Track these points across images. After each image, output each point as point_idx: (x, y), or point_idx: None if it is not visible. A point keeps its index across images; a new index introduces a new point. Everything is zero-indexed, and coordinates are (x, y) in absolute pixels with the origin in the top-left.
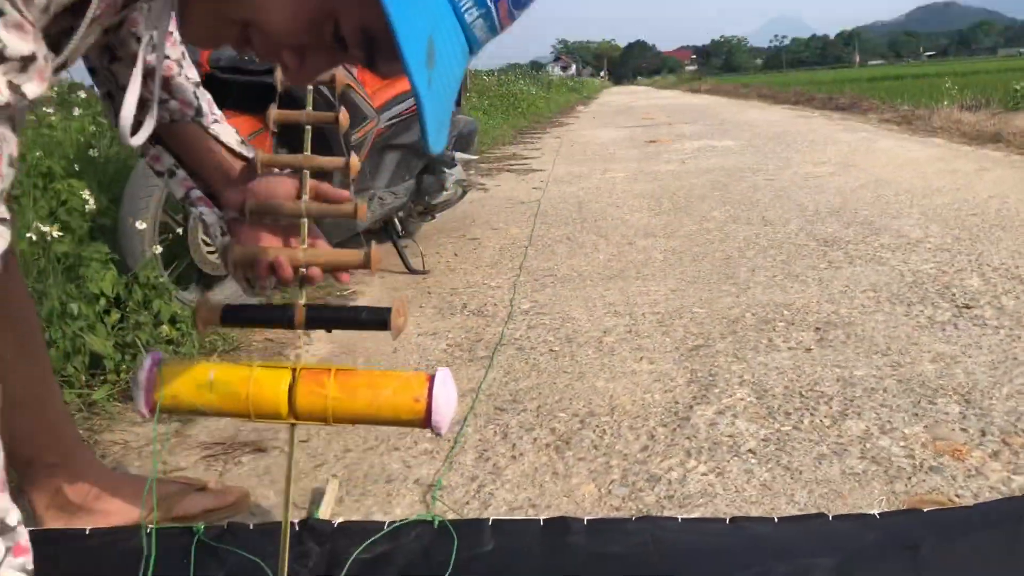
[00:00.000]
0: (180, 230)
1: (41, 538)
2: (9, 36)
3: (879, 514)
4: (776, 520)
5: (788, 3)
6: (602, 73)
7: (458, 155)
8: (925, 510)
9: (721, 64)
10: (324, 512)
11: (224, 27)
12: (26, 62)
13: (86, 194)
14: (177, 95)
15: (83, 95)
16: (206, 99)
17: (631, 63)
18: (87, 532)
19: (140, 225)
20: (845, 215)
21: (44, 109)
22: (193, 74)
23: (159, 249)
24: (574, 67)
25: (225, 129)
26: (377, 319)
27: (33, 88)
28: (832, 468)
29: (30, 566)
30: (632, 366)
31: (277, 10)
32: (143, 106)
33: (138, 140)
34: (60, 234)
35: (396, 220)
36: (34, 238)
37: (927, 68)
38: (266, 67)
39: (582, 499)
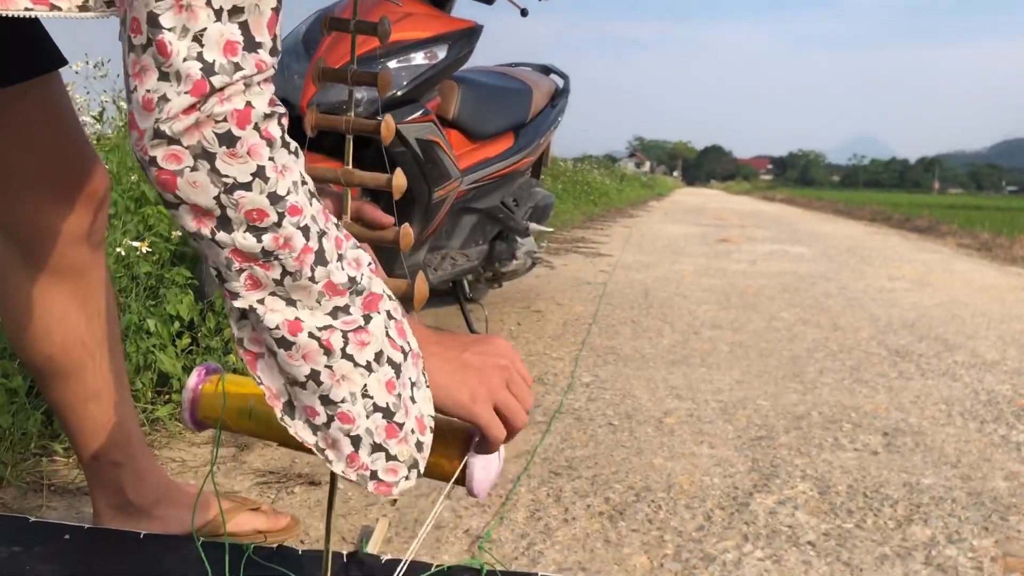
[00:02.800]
0: None
1: (97, 536)
2: None
3: None
4: None
5: (870, 124)
6: (675, 173)
7: (532, 226)
8: None
9: (797, 176)
10: (372, 548)
11: None
12: None
13: None
14: None
15: None
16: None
17: (705, 166)
18: (141, 536)
19: None
20: (919, 330)
21: None
22: None
23: None
24: (648, 164)
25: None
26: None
27: None
28: (895, 570)
29: None
30: (692, 448)
31: None
32: None
33: None
34: (149, 250)
35: (464, 283)
36: (123, 253)
37: (1009, 201)
38: (363, 117)
39: (633, 569)
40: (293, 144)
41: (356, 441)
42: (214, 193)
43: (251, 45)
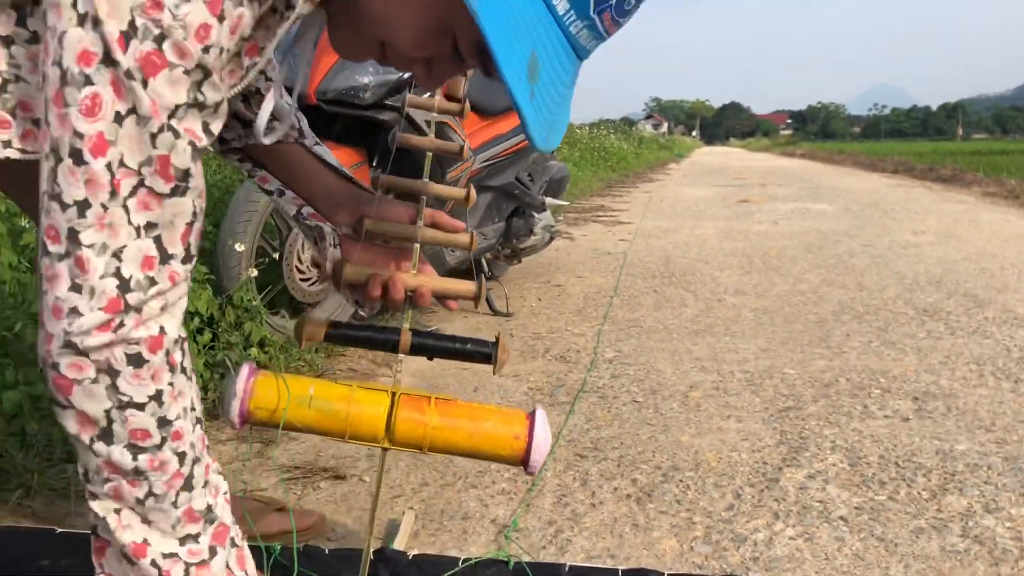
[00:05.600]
0: (276, 255)
1: None
2: (208, 91)
3: None
4: None
5: (889, 72)
6: (694, 132)
7: (548, 200)
8: None
9: (817, 130)
10: (399, 544)
11: (365, 45)
12: (217, 107)
13: None
14: (279, 117)
15: None
16: (305, 122)
17: (724, 124)
18: None
19: (239, 247)
20: (946, 286)
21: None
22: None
23: (255, 273)
24: (666, 125)
25: (326, 150)
26: (481, 351)
27: (216, 127)
28: (931, 544)
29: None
30: (719, 423)
31: (404, 31)
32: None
33: (271, 139)
34: None
35: (484, 261)
36: None
37: None
38: (371, 102)
39: (663, 553)
40: (189, 368)
41: None
42: (106, 406)
43: (165, 257)
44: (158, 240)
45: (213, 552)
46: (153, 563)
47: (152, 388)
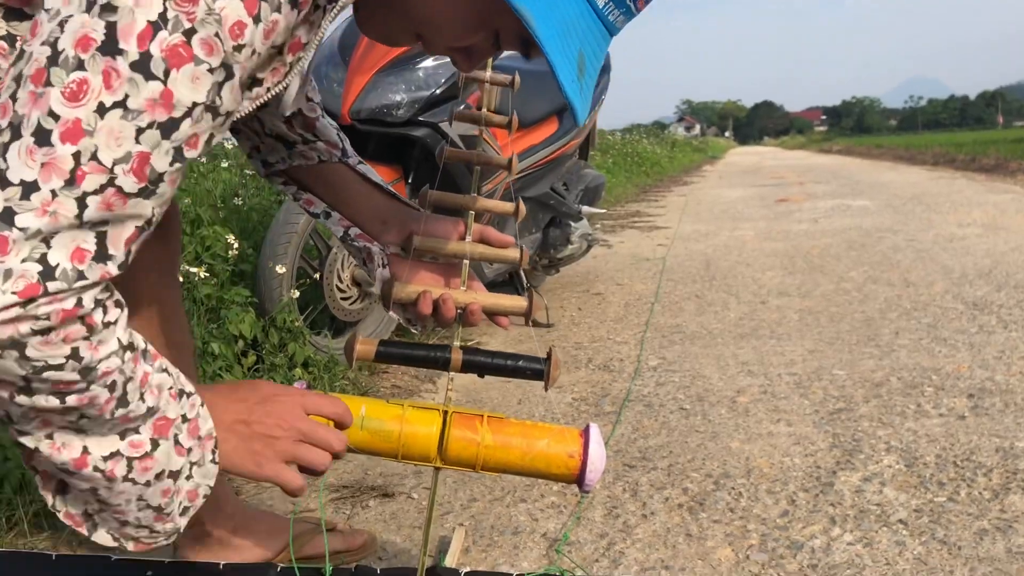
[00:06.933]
0: (316, 275)
1: (177, 568)
2: (227, 96)
3: None
4: None
5: (925, 63)
6: (727, 133)
7: (584, 209)
8: None
9: (853, 125)
10: (450, 561)
11: (400, 32)
12: (228, 116)
13: (231, 238)
14: (322, 136)
15: (230, 146)
16: (347, 141)
17: (757, 123)
18: (220, 567)
19: (280, 269)
20: (996, 278)
21: (199, 159)
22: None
23: (296, 294)
24: (698, 127)
25: (370, 169)
26: (533, 368)
27: (217, 139)
28: (996, 545)
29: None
30: (769, 428)
31: (447, 26)
32: (288, 146)
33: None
34: (206, 275)
35: (522, 272)
36: (181, 279)
37: None
38: (404, 119)
39: (718, 563)
40: (114, 313)
41: (124, 523)
42: (21, 374)
43: (102, 256)
44: (101, 236)
45: (155, 445)
46: (96, 468)
47: (67, 349)
